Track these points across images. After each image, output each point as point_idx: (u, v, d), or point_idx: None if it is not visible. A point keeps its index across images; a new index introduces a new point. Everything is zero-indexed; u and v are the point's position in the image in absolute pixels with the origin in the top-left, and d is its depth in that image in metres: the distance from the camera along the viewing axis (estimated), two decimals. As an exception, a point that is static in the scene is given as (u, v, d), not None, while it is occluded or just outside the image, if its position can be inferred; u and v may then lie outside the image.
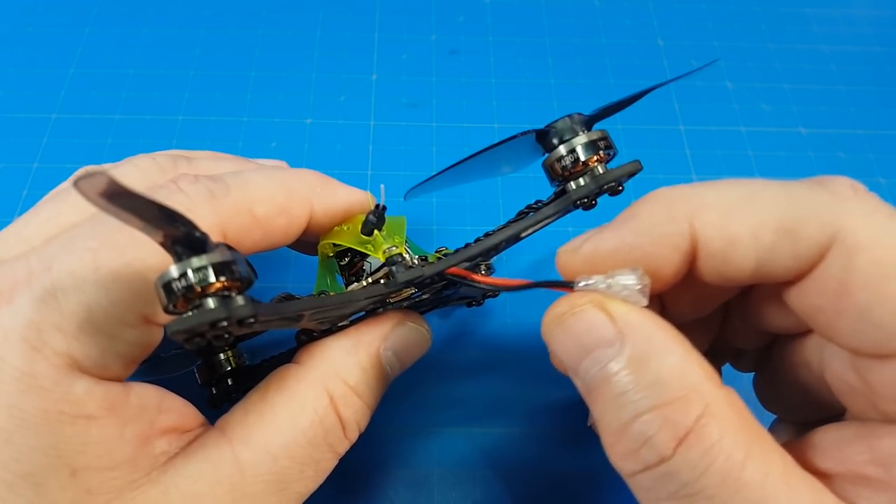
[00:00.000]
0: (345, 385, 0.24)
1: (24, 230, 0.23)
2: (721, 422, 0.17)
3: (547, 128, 0.23)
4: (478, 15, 0.49)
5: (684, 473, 0.17)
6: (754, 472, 0.17)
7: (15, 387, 0.19)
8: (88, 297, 0.20)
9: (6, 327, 0.19)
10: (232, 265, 0.17)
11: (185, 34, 0.47)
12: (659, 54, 0.48)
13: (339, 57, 0.46)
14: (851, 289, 0.18)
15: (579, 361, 0.19)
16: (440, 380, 0.33)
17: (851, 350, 0.19)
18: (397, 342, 0.25)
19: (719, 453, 0.17)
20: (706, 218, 0.19)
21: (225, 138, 0.42)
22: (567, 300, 0.20)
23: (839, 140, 0.44)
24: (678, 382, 0.18)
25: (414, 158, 0.41)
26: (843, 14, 0.51)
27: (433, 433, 0.32)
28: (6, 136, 0.41)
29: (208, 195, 0.22)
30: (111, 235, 0.21)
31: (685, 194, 0.20)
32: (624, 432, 0.18)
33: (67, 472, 0.19)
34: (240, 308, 0.17)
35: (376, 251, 0.24)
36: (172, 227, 0.16)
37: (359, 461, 0.30)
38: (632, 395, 0.18)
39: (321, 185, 0.26)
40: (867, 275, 0.17)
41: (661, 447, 0.17)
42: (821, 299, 0.19)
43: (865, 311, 0.18)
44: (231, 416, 0.23)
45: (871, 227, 0.18)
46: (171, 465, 0.21)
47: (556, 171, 0.23)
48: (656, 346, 0.18)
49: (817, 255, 0.18)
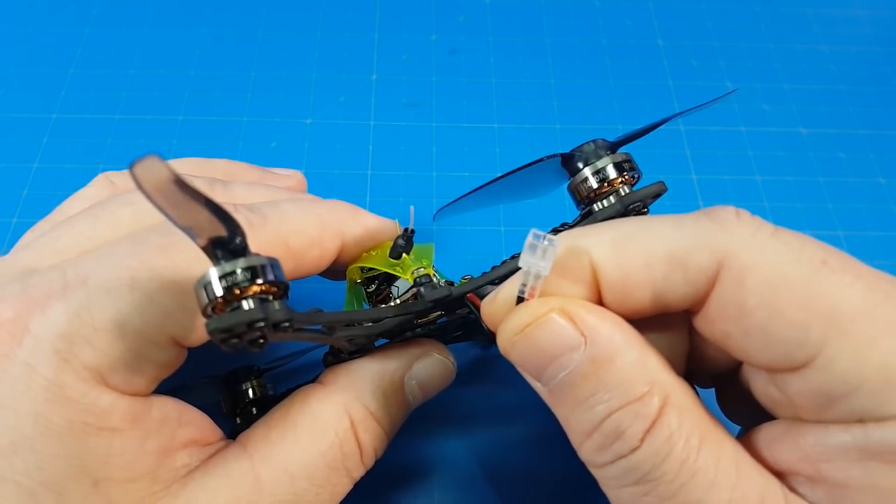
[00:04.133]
0: (366, 410, 0.24)
1: (58, 242, 0.23)
2: (679, 410, 0.19)
3: (572, 151, 0.24)
4: (478, 15, 0.49)
5: (649, 461, 0.18)
6: (708, 457, 0.18)
7: (42, 396, 0.19)
8: (122, 315, 0.20)
9: (38, 337, 0.19)
10: (271, 270, 0.18)
11: (185, 34, 0.47)
12: (659, 54, 0.48)
13: (339, 57, 0.46)
14: (747, 310, 0.18)
15: (543, 369, 0.20)
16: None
17: (765, 368, 0.20)
18: (422, 373, 0.26)
19: (679, 439, 0.18)
20: (602, 252, 0.20)
21: (225, 138, 0.42)
22: (527, 309, 0.20)
23: (839, 140, 0.44)
24: (641, 378, 0.19)
25: (414, 158, 0.41)
26: (843, 14, 0.51)
27: (433, 433, 0.32)
28: (6, 136, 0.41)
29: (247, 225, 0.22)
30: (150, 256, 0.21)
31: (583, 232, 0.21)
32: (595, 431, 0.19)
33: (90, 483, 0.19)
34: (276, 312, 0.18)
35: (405, 272, 0.24)
36: (219, 230, 0.17)
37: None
38: (601, 396, 0.19)
39: (352, 216, 0.26)
40: (758, 294, 0.18)
41: (632, 439, 0.18)
42: (724, 324, 0.19)
43: (766, 329, 0.18)
44: (253, 433, 0.23)
45: (754, 248, 0.19)
46: (192, 479, 0.21)
47: (582, 192, 0.24)
48: (618, 345, 0.19)
49: (709, 281, 0.19)
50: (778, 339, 0.18)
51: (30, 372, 0.19)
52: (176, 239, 0.21)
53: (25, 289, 0.20)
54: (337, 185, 0.40)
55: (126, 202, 0.24)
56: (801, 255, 0.18)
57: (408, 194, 0.40)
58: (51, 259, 0.22)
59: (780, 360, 0.18)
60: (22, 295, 0.20)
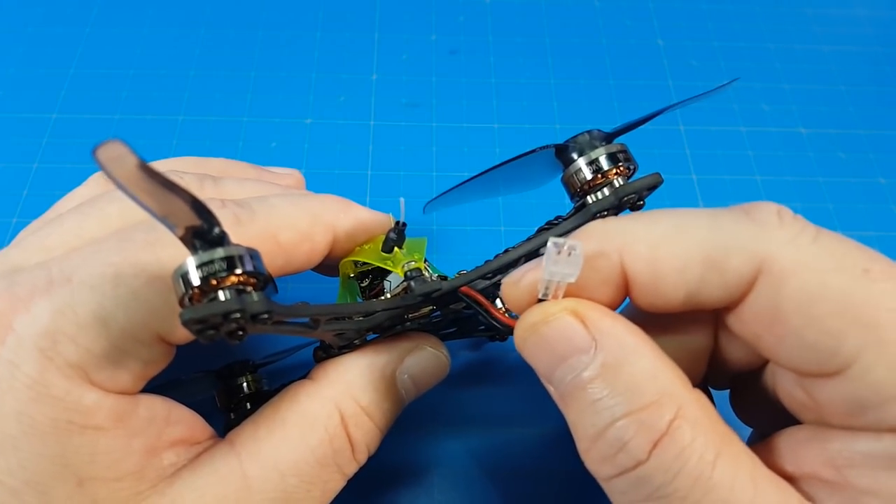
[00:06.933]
0: (357, 405, 0.24)
1: (46, 239, 0.23)
2: (693, 424, 0.18)
3: (566, 142, 0.23)
4: (478, 15, 0.49)
5: (658, 476, 0.17)
6: (724, 473, 0.17)
7: (25, 394, 0.19)
8: (106, 312, 0.20)
9: (21, 335, 0.19)
10: (249, 261, 0.17)
11: (185, 34, 0.47)
12: (659, 54, 0.48)
13: (339, 57, 0.46)
14: (784, 315, 0.18)
15: (553, 369, 0.20)
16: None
17: (796, 371, 0.19)
18: (414, 366, 0.25)
19: (692, 455, 0.17)
20: (635, 252, 0.20)
21: (225, 138, 0.42)
22: (540, 308, 0.20)
23: (839, 140, 0.44)
24: (651, 387, 0.18)
25: (414, 158, 0.41)
26: (843, 14, 0.51)
27: (433, 433, 0.32)
28: (6, 136, 0.41)
29: (234, 221, 0.22)
30: (135, 253, 0.21)
31: (615, 229, 0.20)
32: (600, 438, 0.18)
33: (74, 482, 0.19)
34: (254, 303, 0.17)
35: (395, 266, 0.24)
36: (195, 219, 0.16)
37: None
38: (607, 402, 0.18)
39: (344, 209, 0.26)
40: (796, 301, 0.18)
41: (637, 451, 0.18)
42: (757, 326, 0.19)
43: (800, 335, 0.18)
44: (242, 430, 0.23)
45: (795, 254, 0.18)
46: (179, 478, 0.21)
47: (575, 184, 0.23)
48: (628, 352, 0.19)
49: (746, 286, 0.19)
50: (813, 345, 0.18)
51: (13, 370, 0.19)
52: (161, 235, 0.21)
53: (10, 286, 0.20)
54: (337, 185, 0.40)
55: (114, 198, 0.23)
56: (842, 263, 0.18)
57: (408, 194, 0.40)
58: (38, 256, 0.22)
59: (813, 366, 0.18)
60: (6, 293, 0.20)
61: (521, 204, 0.39)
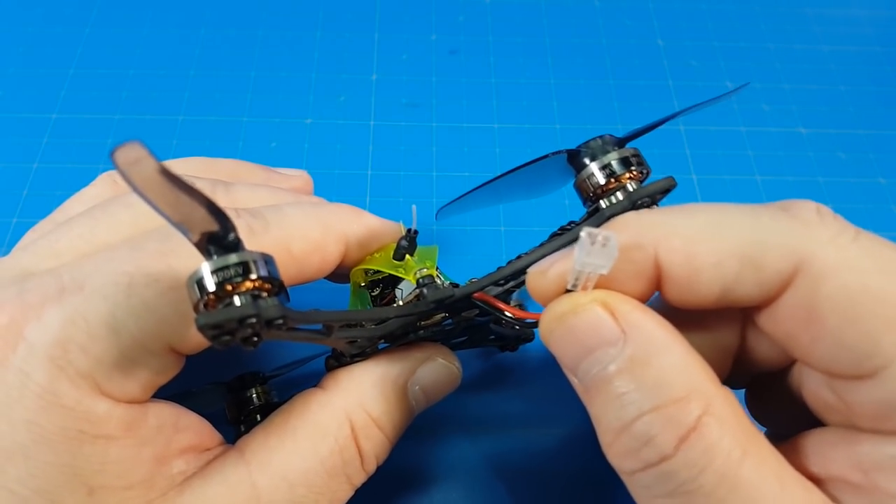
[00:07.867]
0: (368, 416, 0.24)
1: (56, 244, 0.23)
2: (721, 421, 0.17)
3: (578, 147, 0.23)
4: (478, 15, 0.49)
5: (684, 472, 0.17)
6: (750, 471, 0.17)
7: (36, 403, 0.19)
8: (117, 322, 0.20)
9: (33, 344, 0.19)
10: (264, 266, 0.17)
11: (185, 34, 0.47)
12: (659, 54, 0.48)
13: (339, 57, 0.46)
14: (820, 315, 0.18)
15: (579, 361, 0.19)
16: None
17: (826, 373, 0.19)
18: (426, 378, 0.25)
19: (719, 451, 0.17)
20: (671, 245, 0.19)
21: (225, 138, 0.42)
22: (569, 298, 0.20)
23: (839, 140, 0.44)
24: (680, 382, 0.18)
25: (414, 158, 0.41)
26: (843, 14, 0.51)
27: (433, 433, 0.32)
28: (6, 136, 0.41)
29: (248, 231, 0.22)
30: (148, 263, 0.20)
31: (652, 221, 0.20)
32: (624, 431, 0.18)
33: (84, 491, 0.19)
34: (269, 308, 0.17)
35: (407, 274, 0.24)
36: (211, 225, 0.16)
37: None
38: (634, 395, 0.18)
39: (355, 218, 0.26)
40: (835, 301, 0.18)
41: (664, 446, 0.17)
42: (791, 325, 0.19)
43: (836, 336, 0.18)
44: (251, 438, 0.23)
45: (835, 253, 0.18)
46: (188, 486, 0.21)
47: (588, 188, 0.23)
48: (658, 346, 0.18)
49: (782, 284, 0.18)
50: (847, 346, 0.18)
51: (24, 379, 0.19)
52: (174, 245, 0.21)
53: (21, 293, 0.20)
54: (337, 185, 0.40)
55: (125, 204, 0.23)
56: (882, 264, 0.18)
57: (408, 194, 0.40)
58: (48, 262, 0.22)
59: (846, 368, 0.18)
60: (17, 300, 0.20)
61: (521, 204, 0.39)
